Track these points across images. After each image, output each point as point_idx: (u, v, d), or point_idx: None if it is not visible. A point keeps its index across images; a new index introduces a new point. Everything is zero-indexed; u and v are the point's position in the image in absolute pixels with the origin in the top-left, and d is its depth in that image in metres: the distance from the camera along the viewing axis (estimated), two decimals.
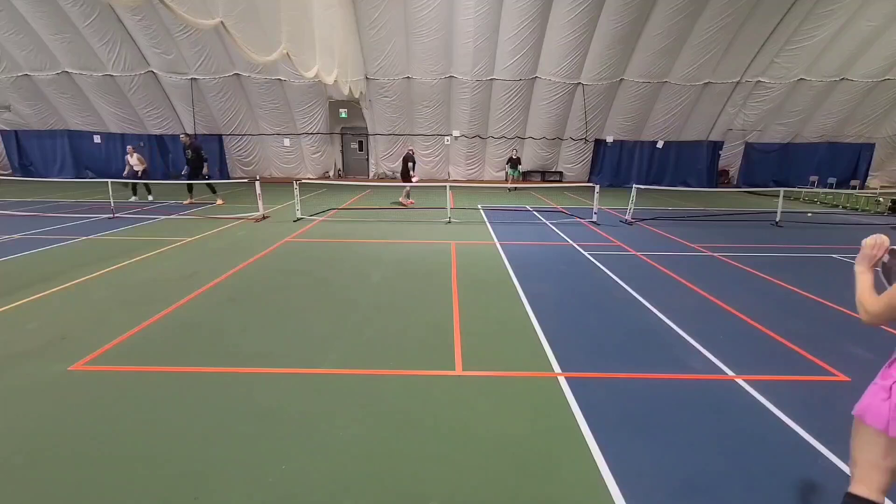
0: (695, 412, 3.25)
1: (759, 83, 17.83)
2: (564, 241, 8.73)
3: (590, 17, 15.47)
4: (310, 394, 3.43)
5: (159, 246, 7.81)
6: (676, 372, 3.82)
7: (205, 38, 15.97)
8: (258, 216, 10.50)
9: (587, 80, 17.44)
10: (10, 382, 3.55)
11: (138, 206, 12.21)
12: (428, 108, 18.77)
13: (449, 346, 4.23)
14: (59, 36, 16.05)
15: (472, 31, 16.17)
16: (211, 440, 2.88)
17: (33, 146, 19.74)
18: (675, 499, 2.47)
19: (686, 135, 19.56)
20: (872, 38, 16.10)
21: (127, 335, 4.36)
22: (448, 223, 10.37)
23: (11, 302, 5.16)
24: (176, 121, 19.13)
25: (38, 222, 9.79)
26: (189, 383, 3.58)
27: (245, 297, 5.47)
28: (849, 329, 4.75)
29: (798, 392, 3.49)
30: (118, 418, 3.11)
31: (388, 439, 2.92)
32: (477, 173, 20.32)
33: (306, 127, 19.35)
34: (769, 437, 2.99)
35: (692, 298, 5.66)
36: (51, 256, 7.17)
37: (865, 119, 18.68)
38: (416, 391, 3.49)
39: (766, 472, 2.66)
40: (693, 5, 15.10)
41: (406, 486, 2.53)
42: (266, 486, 2.51)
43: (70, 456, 2.73)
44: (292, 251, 7.76)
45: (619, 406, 3.31)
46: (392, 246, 8.19)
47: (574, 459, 2.75)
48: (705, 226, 10.78)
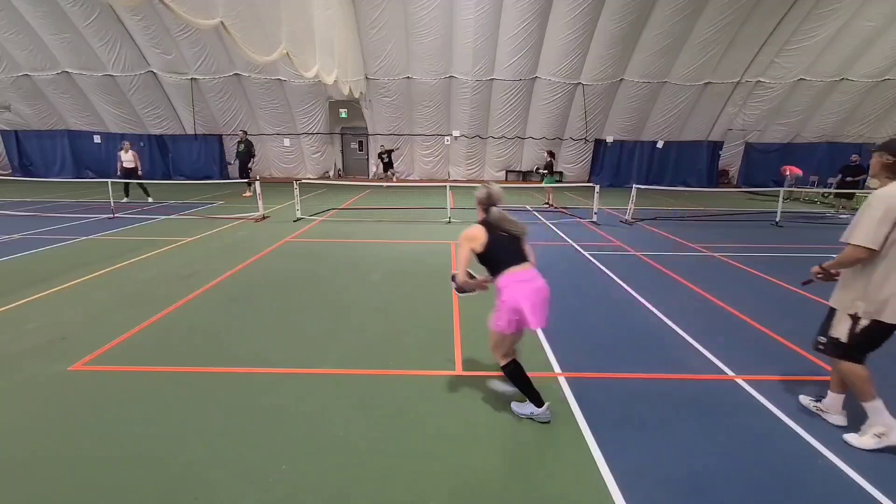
0: (695, 412, 3.25)
1: (759, 83, 17.83)
2: (564, 241, 8.73)
3: (590, 17, 15.48)
4: (310, 394, 3.43)
5: (159, 246, 7.81)
6: (676, 372, 3.82)
7: (205, 38, 15.98)
8: (258, 216, 10.50)
9: (587, 80, 17.44)
10: (10, 382, 3.55)
11: (138, 206, 12.21)
12: (428, 108, 18.77)
13: (449, 347, 4.23)
14: (59, 36, 16.05)
15: (472, 31, 16.18)
16: (211, 440, 2.88)
17: (33, 146, 19.75)
18: (675, 498, 2.47)
19: (686, 135, 19.57)
20: (872, 38, 16.09)
21: (127, 335, 4.36)
22: (448, 223, 10.37)
23: (11, 302, 5.16)
24: (176, 121, 19.14)
25: (38, 222, 9.79)
26: (189, 383, 3.58)
27: (245, 298, 5.47)
28: None
29: (798, 392, 3.49)
30: (118, 418, 3.11)
31: (387, 439, 2.92)
32: (477, 173, 20.32)
33: (306, 127, 19.35)
34: (769, 437, 2.99)
35: (692, 298, 5.66)
36: (51, 256, 7.18)
37: (865, 119, 18.67)
38: (416, 391, 3.49)
39: (766, 472, 2.66)
40: (693, 5, 15.10)
41: (406, 486, 2.53)
42: (266, 486, 2.51)
43: (70, 456, 2.74)
44: (292, 251, 7.76)
45: (618, 406, 3.31)
46: (392, 246, 8.19)
47: (574, 459, 2.75)
48: (705, 226, 10.78)
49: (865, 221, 2.65)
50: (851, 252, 2.70)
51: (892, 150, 2.71)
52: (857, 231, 2.68)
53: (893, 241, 2.61)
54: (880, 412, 2.79)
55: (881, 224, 2.59)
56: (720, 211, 13.16)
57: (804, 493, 2.52)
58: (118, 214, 10.69)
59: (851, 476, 2.62)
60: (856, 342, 2.79)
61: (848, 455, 2.78)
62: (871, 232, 2.61)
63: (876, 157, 2.78)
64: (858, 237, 2.66)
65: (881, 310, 2.68)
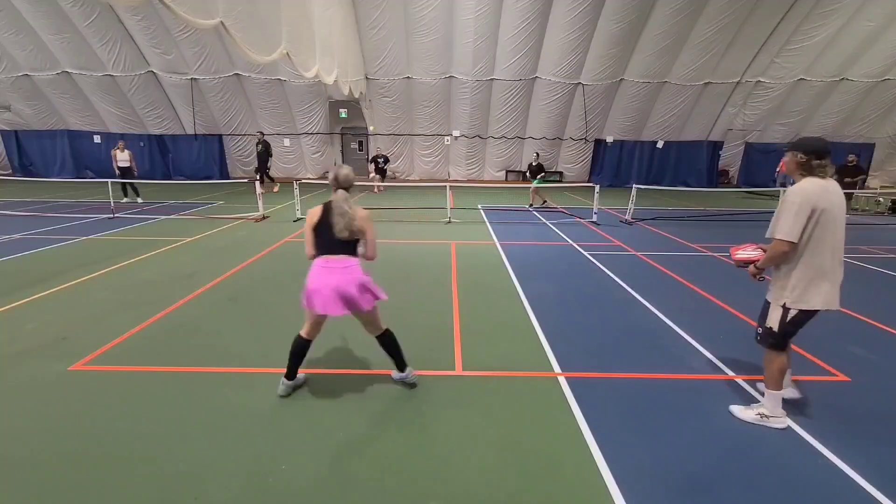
0: (694, 412, 3.25)
1: (759, 83, 17.83)
2: (564, 241, 8.73)
3: (590, 17, 15.47)
4: (309, 394, 3.43)
5: (159, 246, 7.81)
6: (676, 372, 3.82)
7: (205, 38, 15.97)
8: (258, 216, 10.50)
9: (587, 80, 17.43)
10: (10, 382, 3.55)
11: (138, 206, 12.22)
12: (428, 108, 18.76)
13: (449, 347, 4.23)
14: (59, 36, 16.04)
15: (472, 31, 16.16)
16: (211, 440, 2.88)
17: (33, 146, 19.74)
18: (675, 498, 2.47)
19: (686, 135, 19.56)
20: (872, 38, 16.09)
21: (127, 335, 4.36)
22: (448, 223, 10.37)
23: (11, 302, 5.16)
24: (176, 121, 19.13)
25: (38, 222, 9.79)
26: (189, 383, 3.58)
27: (245, 298, 5.47)
28: (849, 329, 4.76)
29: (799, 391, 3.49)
30: (118, 418, 3.11)
31: (387, 439, 2.92)
32: (477, 173, 20.32)
33: (306, 127, 19.34)
34: (769, 437, 2.99)
35: (692, 298, 5.66)
36: (51, 256, 7.18)
37: (865, 119, 18.66)
38: (417, 391, 3.49)
39: (766, 472, 2.66)
40: (693, 5, 15.10)
41: (406, 486, 2.53)
42: (266, 486, 2.51)
43: (70, 456, 2.73)
44: (292, 251, 7.76)
45: (619, 406, 3.31)
46: (392, 246, 8.19)
47: (574, 459, 2.75)
48: (705, 226, 10.78)
49: (784, 217, 2.81)
50: (775, 246, 2.87)
51: (804, 148, 2.85)
52: (778, 226, 2.84)
53: (811, 234, 2.78)
54: (777, 402, 3.07)
55: (797, 217, 2.75)
56: (720, 211, 13.16)
57: (804, 493, 2.52)
58: (118, 214, 10.69)
59: (851, 476, 2.63)
60: (786, 330, 2.98)
61: (848, 455, 2.79)
62: (789, 226, 2.78)
63: (790, 157, 2.92)
64: (780, 232, 2.82)
65: (805, 299, 2.86)
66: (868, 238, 9.69)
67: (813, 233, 2.78)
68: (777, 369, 3.04)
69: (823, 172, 2.83)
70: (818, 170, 2.83)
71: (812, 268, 2.82)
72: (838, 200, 2.82)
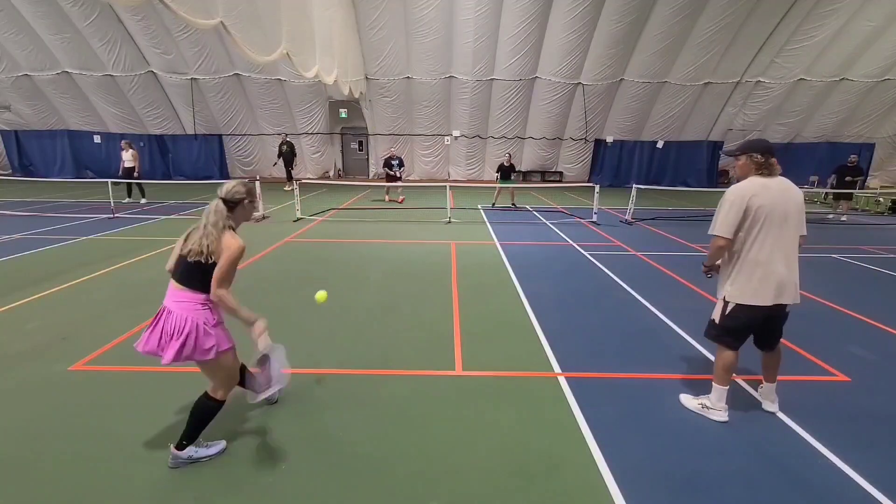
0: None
1: (759, 83, 17.83)
2: (564, 241, 8.73)
3: (590, 17, 15.48)
4: (309, 394, 3.43)
5: (159, 246, 7.81)
6: (676, 372, 3.82)
7: (205, 38, 15.97)
8: (258, 216, 10.49)
9: (587, 80, 17.44)
10: (10, 382, 3.54)
11: (138, 206, 12.21)
12: (428, 108, 18.76)
13: (449, 346, 4.23)
14: (59, 36, 16.04)
15: (472, 31, 16.17)
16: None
17: (33, 146, 19.74)
18: (675, 498, 2.47)
19: (686, 135, 19.56)
20: (872, 38, 16.09)
21: (127, 335, 4.35)
22: (448, 223, 10.37)
23: (11, 302, 5.16)
24: (176, 121, 19.14)
25: (38, 222, 9.79)
26: (189, 383, 3.56)
27: (244, 298, 5.40)
28: (849, 329, 4.76)
29: (798, 392, 3.49)
30: (118, 418, 3.11)
31: (387, 439, 2.92)
32: (477, 173, 20.32)
33: (306, 127, 19.34)
34: (769, 437, 2.99)
35: (692, 298, 5.66)
36: (51, 256, 7.17)
37: (865, 119, 18.65)
38: (416, 391, 3.49)
39: (765, 472, 2.66)
40: (693, 5, 15.11)
41: (406, 486, 2.53)
42: (266, 486, 2.51)
43: (70, 456, 2.73)
44: (292, 251, 7.76)
45: (619, 406, 3.31)
46: (392, 246, 8.19)
47: (574, 459, 2.75)
48: (705, 226, 10.70)
49: (720, 213, 2.93)
50: (713, 242, 2.99)
51: (759, 149, 2.91)
52: (715, 223, 2.96)
53: (748, 230, 2.86)
54: (721, 396, 3.16)
55: (729, 213, 2.86)
56: None
57: (804, 493, 2.52)
58: (118, 214, 10.69)
59: (851, 476, 2.63)
60: (725, 324, 3.06)
61: (848, 455, 2.78)
62: (723, 222, 2.89)
63: (744, 160, 2.96)
64: (716, 228, 2.95)
65: (742, 293, 2.94)
66: (868, 238, 9.69)
67: (751, 229, 2.85)
68: (723, 366, 3.10)
69: (769, 171, 2.90)
70: (763, 168, 2.90)
71: (749, 263, 2.89)
72: (783, 196, 2.85)
